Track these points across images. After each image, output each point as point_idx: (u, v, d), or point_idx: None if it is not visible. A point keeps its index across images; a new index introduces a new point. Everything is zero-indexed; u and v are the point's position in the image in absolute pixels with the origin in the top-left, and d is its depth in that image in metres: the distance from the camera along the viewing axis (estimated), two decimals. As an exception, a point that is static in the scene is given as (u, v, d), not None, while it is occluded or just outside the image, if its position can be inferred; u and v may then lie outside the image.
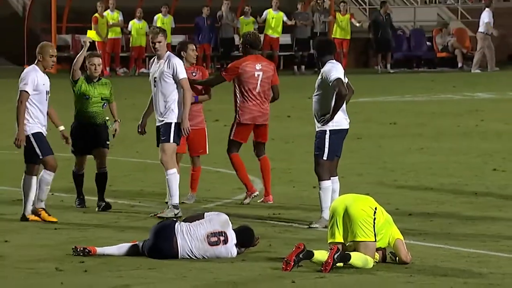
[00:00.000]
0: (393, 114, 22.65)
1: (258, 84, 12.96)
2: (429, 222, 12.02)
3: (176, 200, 12.10)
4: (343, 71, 11.56)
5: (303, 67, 34.06)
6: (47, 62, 12.12)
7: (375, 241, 9.89)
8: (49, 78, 12.34)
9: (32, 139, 11.82)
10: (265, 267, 9.81)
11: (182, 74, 12.22)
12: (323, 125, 11.46)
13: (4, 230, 11.34)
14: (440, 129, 20.69)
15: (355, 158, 14.37)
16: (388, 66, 34.59)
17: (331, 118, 11.41)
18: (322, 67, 11.53)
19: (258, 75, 12.99)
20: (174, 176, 12.09)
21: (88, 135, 12.58)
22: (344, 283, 9.34)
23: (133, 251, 10.15)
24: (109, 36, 32.22)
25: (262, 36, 33.29)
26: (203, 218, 10.26)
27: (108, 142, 12.65)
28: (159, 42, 12.15)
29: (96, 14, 31.97)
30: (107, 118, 12.68)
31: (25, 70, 12.28)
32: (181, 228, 10.13)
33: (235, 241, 10.20)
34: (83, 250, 10.06)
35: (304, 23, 34.02)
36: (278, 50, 34.21)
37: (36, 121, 11.89)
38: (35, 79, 11.95)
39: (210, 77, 13.38)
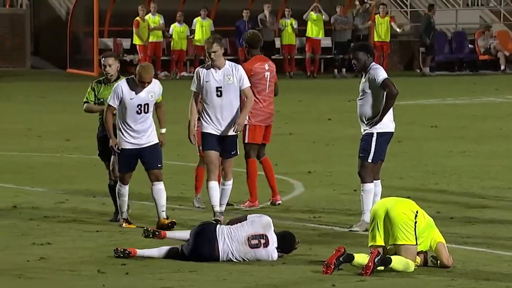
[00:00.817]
0: (435, 117, 22.54)
1: (267, 85, 12.93)
2: (471, 226, 11.94)
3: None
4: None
5: (343, 70, 33.98)
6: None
7: (416, 244, 9.84)
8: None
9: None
10: (305, 270, 9.79)
11: (247, 82, 11.82)
12: (371, 127, 11.41)
13: (47, 233, 11.43)
14: (482, 132, 20.55)
15: (396, 161, 14.32)
16: (427, 68, 34.45)
17: (381, 119, 11.37)
18: (362, 71, 11.46)
19: (267, 75, 12.94)
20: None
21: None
22: (385, 286, 9.30)
23: (173, 253, 10.18)
24: (150, 40, 32.34)
25: (304, 39, 33.36)
26: (246, 220, 10.28)
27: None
28: (214, 52, 11.60)
29: (138, 18, 32.12)
30: None
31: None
32: (222, 230, 10.14)
33: (276, 245, 10.19)
34: (124, 252, 10.12)
35: (344, 27, 33.95)
36: (320, 53, 34.19)
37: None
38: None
39: None
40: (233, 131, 11.77)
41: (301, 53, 34.26)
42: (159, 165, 11.68)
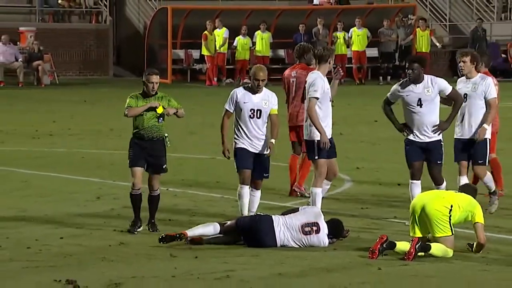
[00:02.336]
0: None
1: (293, 90, 13.12)
2: (504, 216, 11.78)
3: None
4: None
5: (388, 77, 33.76)
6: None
7: (453, 234, 9.75)
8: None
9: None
10: (354, 256, 9.75)
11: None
12: (438, 135, 11.08)
13: (126, 221, 11.50)
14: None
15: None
16: None
17: (448, 126, 11.11)
18: (420, 81, 11.03)
19: (293, 81, 13.17)
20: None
21: (147, 151, 10.78)
22: (425, 270, 9.22)
23: (227, 230, 10.07)
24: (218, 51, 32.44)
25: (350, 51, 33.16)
26: (298, 211, 10.29)
27: (165, 166, 10.86)
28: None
29: (206, 32, 32.24)
30: (166, 134, 10.94)
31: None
32: (278, 220, 10.13)
33: (326, 231, 10.17)
34: (180, 236, 10.08)
35: (389, 39, 33.74)
36: (365, 63, 34.03)
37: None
38: None
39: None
40: (266, 154, 11.08)
41: (350, 63, 34.11)
42: (265, 175, 11.00)
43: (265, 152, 11.01)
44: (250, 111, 10.95)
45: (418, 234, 9.78)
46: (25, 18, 34.33)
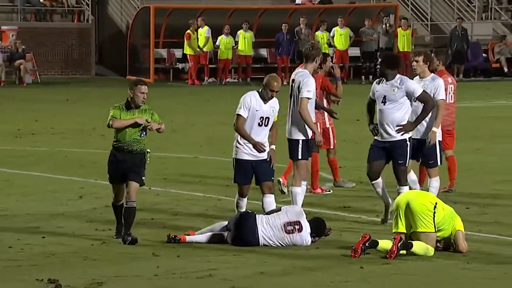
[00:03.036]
0: (452, 118, 22.31)
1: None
2: (485, 215, 11.83)
3: None
4: None
5: (370, 76, 33.83)
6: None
7: (435, 232, 9.78)
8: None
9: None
10: (336, 254, 9.76)
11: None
12: (402, 135, 10.98)
13: (109, 220, 11.47)
14: (494, 132, 20.34)
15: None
16: (461, 75, 34.28)
17: (414, 128, 11.02)
18: (389, 80, 11.06)
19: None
20: None
21: (125, 164, 10.35)
22: (407, 268, 9.24)
23: (218, 239, 10.19)
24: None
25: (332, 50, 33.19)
26: (280, 210, 10.30)
27: (143, 179, 10.46)
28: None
29: (189, 31, 32.21)
30: (148, 150, 10.52)
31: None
32: (261, 219, 10.14)
33: (309, 230, 10.18)
34: (175, 238, 10.14)
35: (371, 38, 33.80)
36: (347, 62, 34.09)
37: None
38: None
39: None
40: (268, 159, 10.87)
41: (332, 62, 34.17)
42: (272, 178, 10.74)
43: (268, 160, 10.78)
44: (260, 118, 10.79)
45: (402, 229, 9.80)
46: (7, 17, 34.18)
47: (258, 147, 10.71)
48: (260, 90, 10.91)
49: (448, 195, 12.77)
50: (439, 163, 11.59)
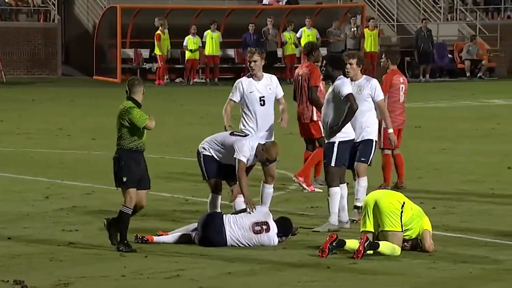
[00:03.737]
0: (419, 118, 22.48)
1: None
2: (451, 214, 11.91)
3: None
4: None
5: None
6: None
7: (402, 231, 9.83)
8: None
9: None
10: (303, 254, 9.78)
11: (282, 91, 11.23)
12: (331, 136, 10.82)
13: (75, 221, 11.42)
14: (460, 132, 20.50)
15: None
16: (427, 76, 34.48)
17: (339, 130, 10.80)
18: (333, 82, 10.95)
19: (299, 79, 13.29)
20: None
21: (143, 166, 10.07)
22: (374, 268, 9.28)
23: (186, 240, 10.17)
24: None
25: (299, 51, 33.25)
26: (247, 210, 10.29)
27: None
28: (255, 61, 11.00)
29: (159, 31, 32.13)
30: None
31: None
32: (229, 219, 10.13)
33: (276, 231, 10.19)
34: (142, 238, 10.10)
35: (338, 39, 33.91)
36: (316, 62, 34.20)
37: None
38: None
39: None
40: (280, 126, 11.04)
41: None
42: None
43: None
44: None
45: (370, 228, 9.84)
46: (-28, 17, 33.91)
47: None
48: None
49: (416, 194, 12.84)
50: (368, 163, 11.38)
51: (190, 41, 32.51)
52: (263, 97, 11.04)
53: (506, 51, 36.30)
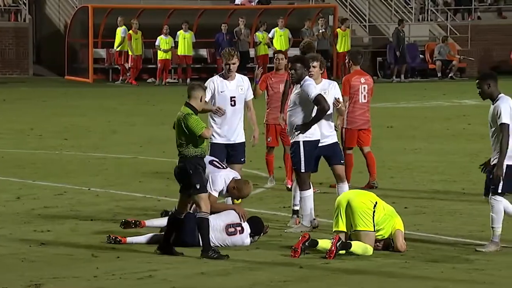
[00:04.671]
0: (391, 118, 22.59)
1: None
2: (422, 214, 11.98)
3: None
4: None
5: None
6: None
7: (374, 231, 9.87)
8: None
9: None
10: (276, 254, 9.79)
11: (252, 94, 11.27)
12: (297, 135, 10.70)
13: (47, 221, 11.36)
14: (431, 132, 20.61)
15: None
16: (402, 76, 34.63)
17: (307, 129, 10.68)
18: (299, 83, 10.76)
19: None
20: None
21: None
22: (346, 268, 9.32)
23: (159, 240, 10.14)
24: (137, 54, 32.09)
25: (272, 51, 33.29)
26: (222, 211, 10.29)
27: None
28: (234, 63, 10.93)
29: (130, 31, 32.03)
30: None
31: None
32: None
33: (249, 231, 10.20)
34: (115, 239, 10.07)
35: (310, 39, 33.97)
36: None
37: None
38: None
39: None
40: (252, 145, 11.24)
41: (272, 63, 34.23)
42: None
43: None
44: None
45: (342, 228, 9.87)
46: None
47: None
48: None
49: (388, 194, 12.90)
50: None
51: (163, 41, 32.45)
52: (234, 97, 11.04)
53: (475, 51, 36.58)
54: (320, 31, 33.77)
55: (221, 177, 10.37)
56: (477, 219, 11.56)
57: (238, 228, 10.13)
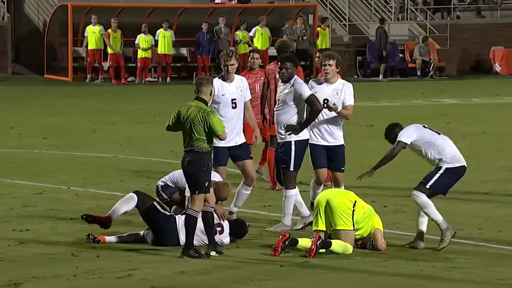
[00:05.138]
0: (371, 117, 22.65)
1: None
2: (402, 213, 12.02)
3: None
4: None
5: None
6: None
7: (354, 230, 9.90)
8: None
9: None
10: (256, 253, 9.80)
11: (249, 95, 10.99)
12: (289, 135, 10.65)
13: (26, 220, 11.31)
14: (411, 130, 20.63)
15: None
16: (381, 76, 34.74)
17: (301, 130, 10.64)
18: (288, 81, 10.64)
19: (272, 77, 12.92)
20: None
21: None
22: (326, 267, 9.34)
23: (137, 239, 10.12)
24: (110, 52, 31.98)
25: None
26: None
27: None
28: (232, 65, 10.70)
29: (109, 30, 31.94)
30: None
31: None
32: (182, 223, 10.07)
33: (229, 231, 10.20)
34: (94, 239, 10.04)
35: (290, 38, 34.02)
36: (267, 62, 34.23)
37: None
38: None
39: None
40: (254, 145, 11.12)
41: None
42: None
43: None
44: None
45: (322, 227, 9.89)
46: None
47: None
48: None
49: (367, 193, 12.94)
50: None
51: (142, 40, 32.38)
52: (235, 99, 10.82)
53: (454, 50, 36.73)
54: (299, 30, 33.82)
55: None
56: (456, 217, 11.61)
57: (218, 229, 10.11)
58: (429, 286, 8.70)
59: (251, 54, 13.43)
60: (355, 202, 9.97)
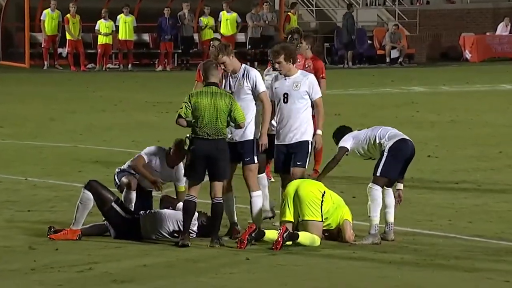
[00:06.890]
0: (338, 105, 22.70)
1: None
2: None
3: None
4: None
5: (256, 63, 34.02)
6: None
7: (322, 221, 9.92)
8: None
9: None
10: (222, 246, 9.78)
11: (262, 87, 10.22)
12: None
13: (-18, 213, 11.22)
14: (380, 119, 20.74)
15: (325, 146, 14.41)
16: (350, 62, 34.82)
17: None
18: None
19: None
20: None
21: None
22: (293, 259, 9.36)
23: (101, 230, 10.07)
24: (69, 38, 31.74)
25: (219, 35, 33.21)
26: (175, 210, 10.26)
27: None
28: (223, 62, 10.16)
29: (68, 15, 31.71)
30: (187, 135, 9.99)
31: None
32: (145, 218, 10.02)
33: (196, 224, 10.18)
34: (55, 232, 9.97)
35: (257, 24, 34.00)
36: (234, 48, 34.14)
37: None
38: None
39: None
40: (260, 150, 10.38)
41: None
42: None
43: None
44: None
45: (289, 218, 9.90)
46: None
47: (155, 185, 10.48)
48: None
49: (336, 183, 12.97)
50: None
51: (102, 25, 32.18)
52: (232, 92, 10.10)
53: (424, 37, 36.90)
54: (266, 15, 33.80)
55: (183, 169, 10.37)
56: (426, 208, 11.69)
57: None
58: (398, 278, 8.75)
59: (211, 42, 13.26)
60: (324, 192, 9.99)
